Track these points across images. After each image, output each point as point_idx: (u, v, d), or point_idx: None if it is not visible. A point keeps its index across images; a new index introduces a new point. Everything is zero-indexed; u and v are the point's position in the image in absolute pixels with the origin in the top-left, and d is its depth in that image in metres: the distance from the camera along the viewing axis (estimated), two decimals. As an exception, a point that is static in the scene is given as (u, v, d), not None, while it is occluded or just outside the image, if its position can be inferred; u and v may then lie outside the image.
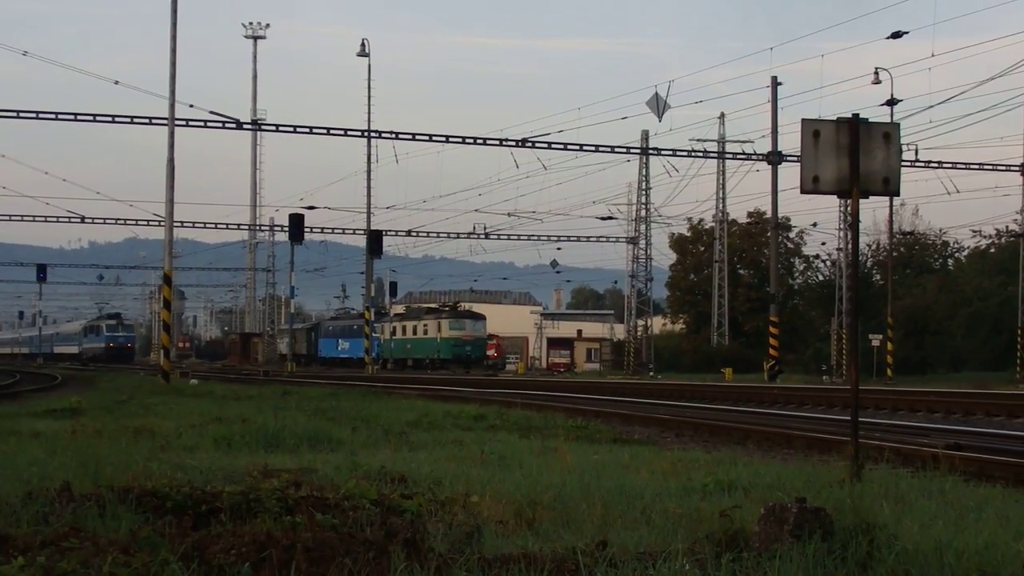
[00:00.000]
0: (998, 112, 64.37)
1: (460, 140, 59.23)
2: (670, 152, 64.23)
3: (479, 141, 59.14)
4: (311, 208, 73.99)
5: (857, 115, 11.99)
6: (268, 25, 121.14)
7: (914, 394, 31.54)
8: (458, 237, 79.99)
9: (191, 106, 51.50)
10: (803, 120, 11.89)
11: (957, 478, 11.42)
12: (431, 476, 11.05)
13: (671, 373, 73.49)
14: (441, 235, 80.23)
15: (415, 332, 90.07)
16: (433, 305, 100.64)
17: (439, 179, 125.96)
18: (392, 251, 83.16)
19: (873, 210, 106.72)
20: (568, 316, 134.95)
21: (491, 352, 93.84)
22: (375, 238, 68.05)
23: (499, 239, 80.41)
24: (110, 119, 53.14)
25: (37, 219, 74.04)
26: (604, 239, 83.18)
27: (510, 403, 26.56)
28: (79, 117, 53.24)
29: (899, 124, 12.72)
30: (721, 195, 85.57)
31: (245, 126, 58.76)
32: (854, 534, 7.11)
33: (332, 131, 59.02)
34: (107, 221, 77.82)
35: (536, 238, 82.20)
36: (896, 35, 50.43)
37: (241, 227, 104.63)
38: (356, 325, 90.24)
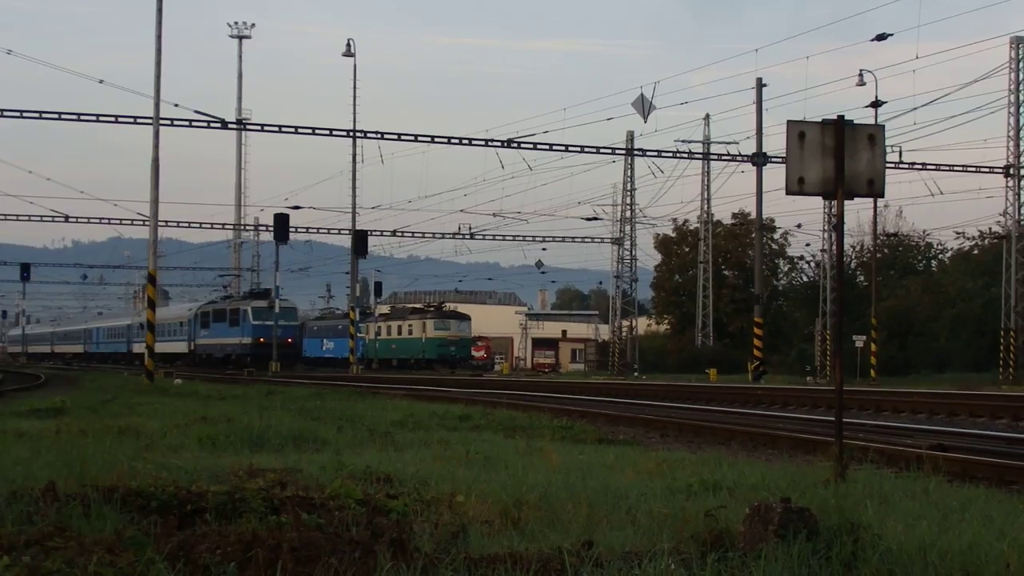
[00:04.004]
0: (981, 114, 64.91)
1: (445, 140, 59.26)
2: (655, 153, 64.41)
3: (464, 141, 59.17)
4: (296, 208, 73.97)
5: (842, 117, 12.02)
6: (254, 25, 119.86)
7: (898, 395, 31.59)
8: (443, 237, 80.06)
9: (176, 105, 51.73)
10: (788, 122, 11.91)
11: (941, 478, 11.46)
12: (417, 476, 11.05)
13: (656, 374, 73.52)
14: (426, 235, 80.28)
15: (400, 332, 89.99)
16: (418, 305, 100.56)
17: (424, 179, 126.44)
18: (377, 251, 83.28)
19: (857, 211, 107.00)
20: (553, 317, 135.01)
21: (481, 353, 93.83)
22: (360, 238, 68.04)
23: (484, 239, 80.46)
24: (95, 118, 53.07)
25: (21, 218, 73.80)
26: (589, 240, 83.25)
27: (495, 403, 26.59)
28: (63, 116, 53.17)
29: (884, 126, 12.73)
30: (706, 196, 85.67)
31: (230, 126, 58.67)
32: (839, 534, 7.12)
33: (317, 131, 59.01)
34: (91, 220, 77.66)
35: (521, 238, 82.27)
36: (881, 37, 50.56)
37: (226, 227, 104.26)
38: (341, 325, 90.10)
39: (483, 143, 58.48)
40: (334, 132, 59.96)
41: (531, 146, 58.37)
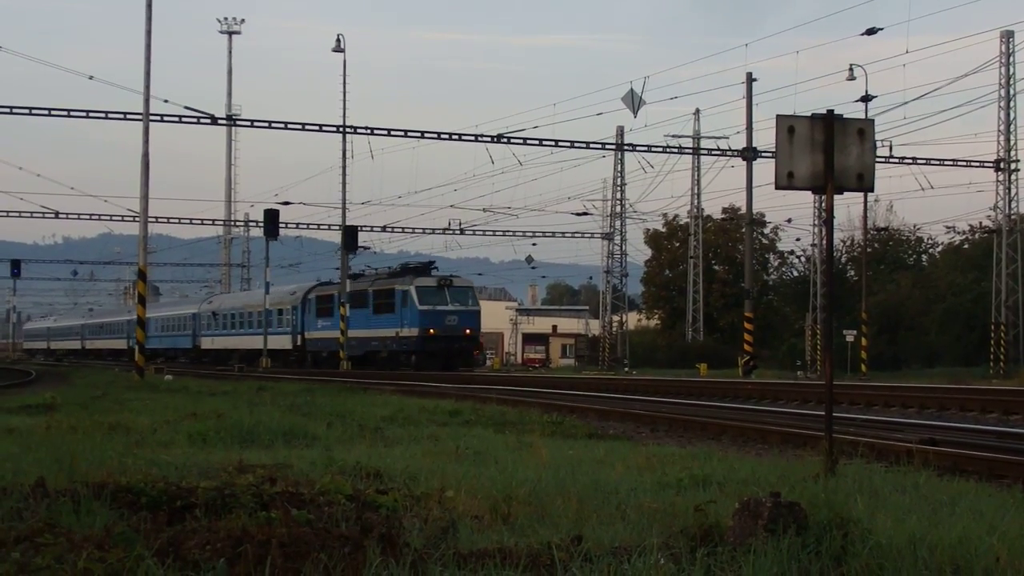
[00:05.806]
0: (972, 109, 64.83)
1: (435, 136, 59.15)
2: (645, 148, 64.32)
3: (454, 137, 59.07)
4: (286, 204, 73.69)
5: (831, 111, 12.02)
6: (243, 20, 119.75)
7: (888, 389, 31.63)
8: (433, 232, 79.89)
9: (166, 101, 51.59)
10: (778, 116, 11.91)
11: (931, 473, 11.46)
12: (406, 471, 11.04)
13: (646, 369, 73.54)
14: (416, 231, 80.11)
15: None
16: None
17: (414, 175, 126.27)
18: (367, 246, 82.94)
19: (847, 206, 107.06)
20: (543, 312, 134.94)
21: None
22: (350, 234, 67.85)
23: (474, 235, 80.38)
24: (84, 114, 52.95)
25: (11, 215, 73.53)
26: (579, 235, 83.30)
27: (485, 398, 26.59)
28: (53, 112, 53.00)
29: (873, 120, 12.77)
30: (696, 191, 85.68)
31: (220, 121, 58.37)
32: (828, 528, 7.12)
33: (307, 127, 58.92)
34: (81, 216, 77.61)
35: (511, 234, 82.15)
36: (870, 32, 50.57)
37: (216, 223, 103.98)
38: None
39: (473, 138, 58.39)
40: (324, 128, 59.83)
41: (521, 141, 58.28)
